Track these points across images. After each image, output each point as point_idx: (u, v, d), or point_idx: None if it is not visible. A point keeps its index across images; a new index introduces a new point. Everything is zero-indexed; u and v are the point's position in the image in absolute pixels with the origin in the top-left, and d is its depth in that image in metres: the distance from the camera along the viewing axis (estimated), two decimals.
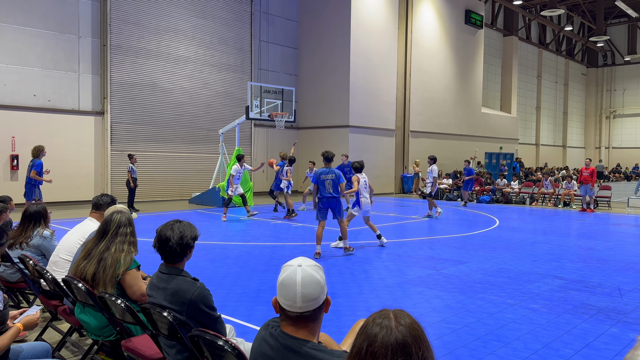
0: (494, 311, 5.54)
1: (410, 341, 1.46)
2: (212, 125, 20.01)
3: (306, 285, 1.83)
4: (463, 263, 8.07)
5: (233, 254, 8.62)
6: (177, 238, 2.93)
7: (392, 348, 1.45)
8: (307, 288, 1.83)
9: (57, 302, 4.29)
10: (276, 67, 22.60)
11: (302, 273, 1.86)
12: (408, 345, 1.45)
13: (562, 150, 44.25)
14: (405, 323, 1.50)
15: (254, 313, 5.39)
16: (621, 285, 6.76)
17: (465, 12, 27.49)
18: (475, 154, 28.75)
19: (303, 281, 1.84)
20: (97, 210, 4.52)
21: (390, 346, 1.45)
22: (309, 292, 1.83)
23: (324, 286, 1.89)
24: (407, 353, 1.44)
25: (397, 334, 1.47)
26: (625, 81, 44.82)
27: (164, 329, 2.86)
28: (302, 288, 1.83)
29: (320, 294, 1.86)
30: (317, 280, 1.85)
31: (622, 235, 11.44)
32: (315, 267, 1.90)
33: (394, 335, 1.46)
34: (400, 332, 1.47)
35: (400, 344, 1.45)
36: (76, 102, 16.68)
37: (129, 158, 15.23)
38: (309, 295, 1.83)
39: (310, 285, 1.84)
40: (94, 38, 16.97)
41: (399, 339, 1.46)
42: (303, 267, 1.87)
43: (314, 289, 1.84)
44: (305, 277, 1.84)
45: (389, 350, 1.44)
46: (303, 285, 1.83)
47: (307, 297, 1.83)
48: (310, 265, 1.89)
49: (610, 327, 5.07)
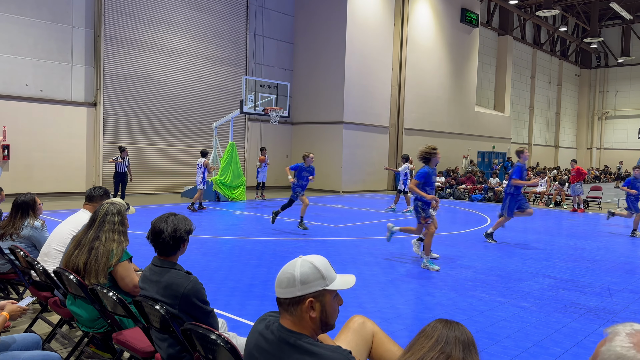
0: (485, 309, 5.57)
1: (462, 329, 1.66)
2: (205, 118, 19.92)
3: (283, 272, 1.90)
4: (455, 261, 8.10)
5: (225, 248, 8.61)
6: (171, 231, 2.92)
7: (447, 331, 1.64)
8: (282, 274, 1.90)
9: (47, 294, 4.26)
10: (271, 61, 22.52)
11: (291, 262, 1.91)
12: (465, 340, 1.64)
13: (554, 151, 44.52)
14: (457, 323, 1.70)
15: (245, 307, 5.39)
16: (610, 285, 6.82)
17: (461, 10, 27.52)
18: (468, 152, 28.86)
19: (285, 267, 1.91)
20: (90, 202, 4.49)
21: (445, 331, 1.64)
22: (281, 277, 1.89)
23: (299, 282, 1.84)
24: (461, 330, 1.65)
25: (456, 330, 1.66)
26: (618, 83, 45.11)
27: (156, 322, 2.84)
28: (280, 272, 1.91)
29: (289, 285, 1.86)
30: (292, 272, 1.86)
31: (612, 236, 11.54)
32: (310, 264, 1.87)
33: (456, 330, 1.66)
34: (459, 329, 1.67)
35: (459, 337, 1.64)
36: (69, 93, 16.54)
37: (120, 151, 14.61)
38: (280, 280, 1.89)
39: (285, 273, 1.88)
40: (87, 28, 16.81)
41: (458, 331, 1.65)
42: (300, 259, 1.92)
43: (286, 277, 1.87)
44: (289, 266, 1.90)
45: (445, 331, 1.64)
46: (282, 271, 1.91)
47: (278, 281, 1.90)
48: (306, 260, 1.90)
49: (599, 326, 5.11)
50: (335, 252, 8.57)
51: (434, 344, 1.61)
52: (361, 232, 10.90)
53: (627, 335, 1.22)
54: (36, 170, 15.87)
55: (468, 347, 1.62)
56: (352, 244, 9.32)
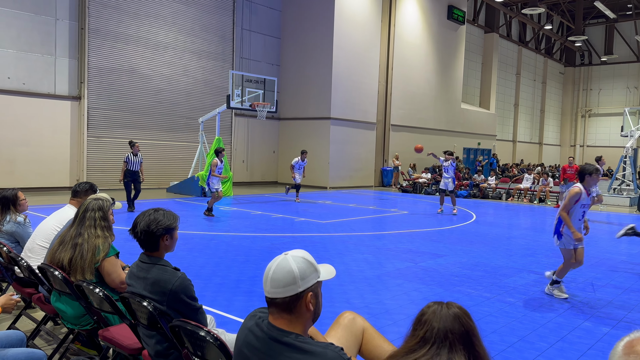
0: (471, 304, 5.61)
1: (460, 314, 1.69)
2: (191, 113, 19.76)
3: (277, 271, 1.85)
4: (441, 256, 8.16)
5: (212, 244, 8.56)
6: (144, 226, 2.87)
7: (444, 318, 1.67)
8: (277, 274, 1.85)
9: (31, 290, 4.19)
10: (258, 56, 22.40)
11: (281, 260, 1.88)
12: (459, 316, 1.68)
13: (538, 147, 44.99)
14: (457, 306, 1.72)
15: (233, 304, 5.36)
16: (594, 281, 6.92)
17: (448, 7, 27.62)
18: (454, 149, 29.04)
19: (277, 267, 1.86)
20: (75, 197, 4.43)
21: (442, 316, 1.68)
22: (278, 277, 1.84)
23: (299, 278, 1.84)
24: (460, 322, 1.67)
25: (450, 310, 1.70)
26: (601, 81, 45.69)
27: (144, 319, 2.81)
28: (273, 273, 1.86)
29: (290, 283, 1.83)
30: (290, 269, 1.84)
31: (595, 232, 11.70)
32: (302, 259, 1.88)
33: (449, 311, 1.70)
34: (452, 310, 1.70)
35: (452, 314, 1.68)
36: (52, 86, 16.29)
37: (130, 146, 12.91)
38: (277, 280, 1.84)
39: (281, 272, 1.85)
40: (71, 21, 16.55)
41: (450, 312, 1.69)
42: (288, 256, 1.89)
43: (284, 276, 1.84)
44: (280, 264, 1.86)
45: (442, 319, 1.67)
46: (275, 271, 1.86)
47: (275, 282, 1.85)
48: (295, 256, 1.88)
49: (583, 321, 5.18)
50: (322, 247, 8.57)
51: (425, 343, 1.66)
52: (348, 228, 10.92)
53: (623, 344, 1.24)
54: (19, 165, 15.61)
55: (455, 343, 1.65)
56: (339, 240, 9.33)
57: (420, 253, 8.38)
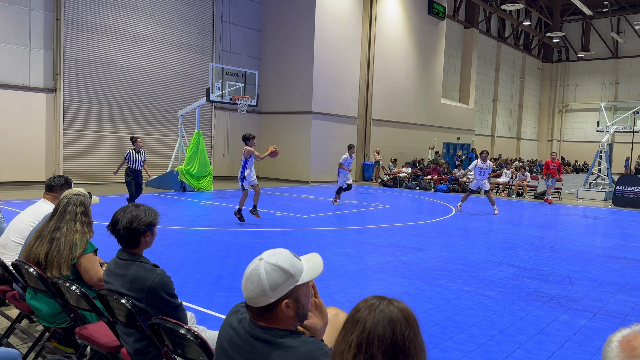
0: (451, 298, 5.66)
1: (397, 317, 1.42)
2: (170, 106, 19.50)
3: (248, 282, 1.76)
4: (421, 250, 8.21)
5: (192, 239, 8.47)
6: (126, 222, 2.81)
7: (377, 319, 1.41)
8: (248, 284, 1.76)
9: (5, 287, 4.08)
10: (238, 49, 22.19)
11: (253, 269, 1.77)
12: (394, 321, 1.41)
13: (516, 142, 45.61)
14: (398, 305, 1.47)
15: (213, 300, 5.31)
16: (571, 274, 7.03)
17: (429, 2, 27.72)
18: (434, 143, 29.26)
19: (248, 277, 1.77)
20: (50, 191, 4.31)
21: (376, 317, 1.42)
22: (249, 288, 1.76)
23: (269, 290, 1.73)
24: (392, 328, 1.40)
25: (386, 309, 1.44)
26: (578, 77, 46.49)
27: (122, 317, 2.76)
28: (245, 282, 1.77)
29: (260, 295, 1.73)
30: (259, 281, 1.73)
31: (572, 226, 11.92)
32: (274, 267, 1.75)
33: (384, 310, 1.44)
34: (390, 310, 1.44)
35: (387, 317, 1.42)
36: (27, 78, 15.90)
37: (132, 142, 11.92)
38: (248, 291, 1.76)
39: (251, 284, 1.75)
40: (46, 11, 16.15)
41: (386, 313, 1.43)
42: (261, 262, 1.77)
43: (254, 288, 1.74)
44: (251, 274, 1.76)
45: (375, 321, 1.41)
46: (246, 281, 1.77)
47: (246, 292, 1.77)
48: (269, 263, 1.76)
49: (561, 314, 5.26)
50: (303, 242, 8.55)
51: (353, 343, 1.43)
52: (330, 222, 10.92)
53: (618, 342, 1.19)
54: None
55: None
56: (320, 234, 9.32)
57: (401, 247, 8.42)
